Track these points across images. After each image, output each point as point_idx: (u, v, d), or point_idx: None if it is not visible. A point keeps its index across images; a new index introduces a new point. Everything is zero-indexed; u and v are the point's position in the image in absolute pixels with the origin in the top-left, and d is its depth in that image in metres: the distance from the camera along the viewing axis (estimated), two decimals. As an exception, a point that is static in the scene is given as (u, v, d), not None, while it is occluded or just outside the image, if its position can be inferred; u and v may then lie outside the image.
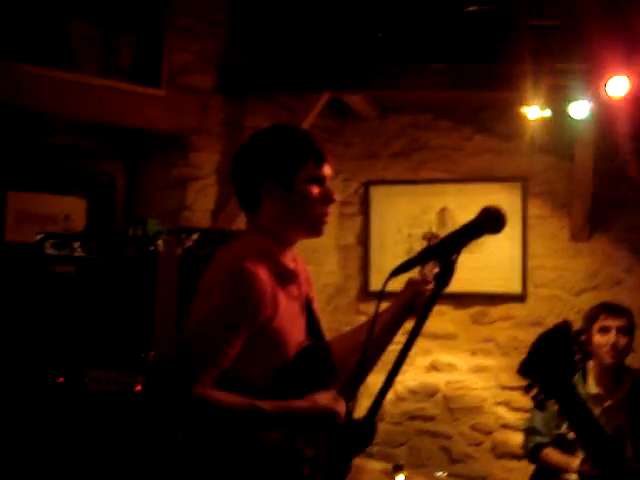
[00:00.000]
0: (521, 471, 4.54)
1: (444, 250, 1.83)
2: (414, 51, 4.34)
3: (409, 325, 1.89)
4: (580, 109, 4.19)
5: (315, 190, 2.22)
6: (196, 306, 2.13)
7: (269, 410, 2.06)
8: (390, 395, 1.81)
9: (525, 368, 1.95)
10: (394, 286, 1.94)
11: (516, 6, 4.15)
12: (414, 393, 5.30)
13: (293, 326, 2.20)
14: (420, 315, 1.79)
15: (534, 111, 4.33)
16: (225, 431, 2.11)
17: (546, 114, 4.33)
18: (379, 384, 1.75)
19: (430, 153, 5.37)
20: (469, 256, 1.83)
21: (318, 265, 5.20)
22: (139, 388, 3.19)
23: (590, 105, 4.14)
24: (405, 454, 5.20)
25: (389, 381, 1.75)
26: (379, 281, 5.83)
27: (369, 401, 1.76)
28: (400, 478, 3.03)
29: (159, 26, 4.31)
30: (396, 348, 1.84)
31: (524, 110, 4.34)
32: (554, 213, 5.11)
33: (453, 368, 5.26)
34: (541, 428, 3.84)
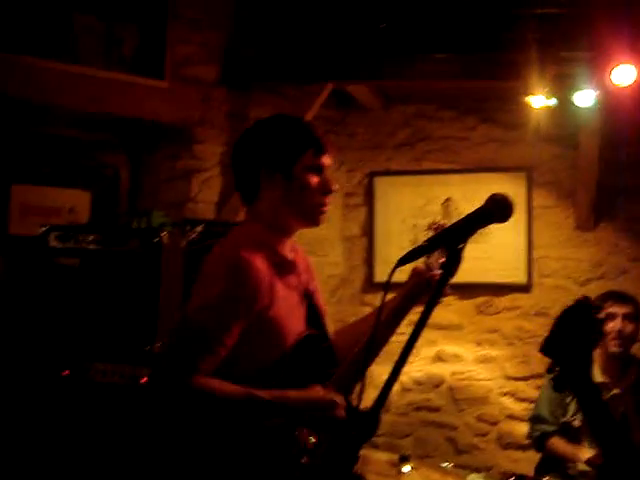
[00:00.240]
0: (527, 461, 4.54)
1: (451, 239, 1.81)
2: (418, 41, 4.32)
3: (414, 316, 1.88)
4: (585, 98, 4.17)
5: (314, 179, 2.22)
6: (194, 295, 2.14)
7: (266, 399, 2.07)
8: (395, 386, 1.79)
9: (548, 347, 1.92)
10: (399, 277, 1.92)
11: (520, -6, 4.13)
12: (419, 384, 5.30)
13: (292, 316, 2.20)
14: (427, 305, 1.78)
15: (539, 100, 4.31)
16: (223, 420, 2.11)
17: (551, 103, 4.30)
18: (384, 375, 1.74)
19: (434, 143, 5.36)
20: (474, 246, 1.81)
21: (323, 256, 5.19)
22: (145, 380, 3.19)
23: (595, 94, 4.11)
24: (411, 445, 5.20)
25: (396, 372, 1.74)
26: (384, 272, 5.82)
27: (375, 392, 1.75)
28: (406, 469, 3.02)
29: (162, 17, 4.30)
30: (401, 339, 1.83)
31: (528, 99, 4.31)
32: (559, 203, 5.10)
33: (458, 359, 5.26)
34: (547, 416, 3.84)
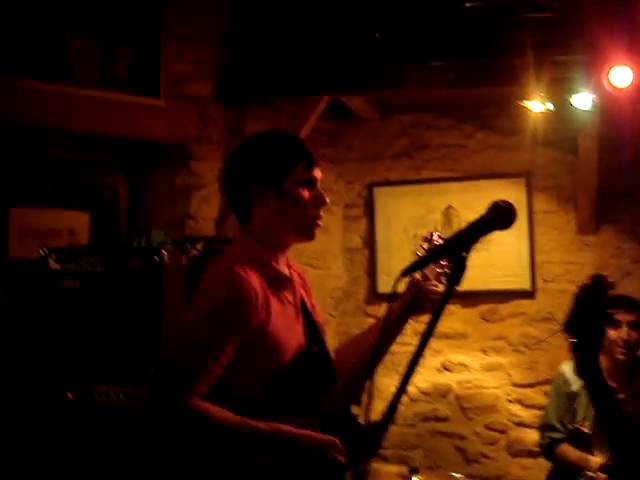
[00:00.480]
0: (538, 469, 4.51)
1: (454, 247, 1.80)
2: (412, 50, 4.32)
3: (419, 326, 1.86)
4: (583, 101, 4.16)
5: (306, 193, 2.20)
6: (188, 313, 2.13)
7: (262, 431, 2.04)
8: (402, 397, 1.77)
9: (569, 325, 1.89)
10: (400, 287, 1.91)
11: (514, -1, 4.13)
12: (426, 394, 5.27)
13: (289, 331, 2.19)
14: (433, 315, 1.76)
15: (536, 105, 4.29)
16: (215, 444, 2.08)
17: (549, 107, 4.29)
18: (391, 387, 1.72)
19: (433, 152, 5.34)
20: (476, 254, 1.80)
21: (325, 269, 5.18)
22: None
23: (593, 97, 4.10)
24: (420, 456, 5.16)
25: (404, 384, 1.72)
26: (386, 283, 5.80)
27: (381, 404, 1.73)
28: (416, 481, 3.00)
29: (155, 36, 4.30)
30: (407, 349, 1.81)
31: (526, 104, 4.30)
32: (560, 207, 5.08)
33: (464, 367, 5.23)
34: (555, 424, 3.81)
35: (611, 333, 3.70)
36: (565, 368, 3.85)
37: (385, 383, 3.63)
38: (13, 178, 4.05)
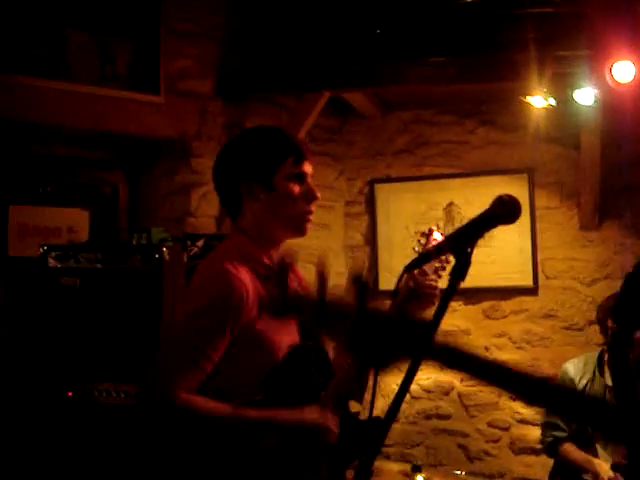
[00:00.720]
0: (540, 466, 4.49)
1: (459, 243, 1.78)
2: (413, 45, 4.29)
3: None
4: (585, 96, 4.14)
5: (296, 188, 2.19)
6: (180, 310, 2.14)
7: (254, 418, 2.04)
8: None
9: (616, 312, 1.87)
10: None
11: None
12: (428, 392, 5.24)
13: (282, 327, 2.18)
14: (436, 312, 1.75)
15: (539, 100, 4.27)
16: (209, 438, 2.08)
17: (551, 103, 4.27)
18: (392, 385, 1.70)
19: (434, 148, 5.32)
20: (478, 250, 1.77)
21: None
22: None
23: (595, 92, 4.08)
24: (422, 454, 5.14)
25: (406, 382, 1.70)
26: (388, 280, 5.77)
27: (383, 401, 1.71)
28: (419, 479, 2.98)
29: (154, 32, 4.28)
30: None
31: (528, 100, 4.28)
32: (562, 203, 5.06)
33: (467, 365, 5.20)
34: (558, 422, 3.78)
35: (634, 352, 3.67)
36: (569, 367, 3.83)
37: (387, 381, 3.61)
38: (12, 176, 4.03)
